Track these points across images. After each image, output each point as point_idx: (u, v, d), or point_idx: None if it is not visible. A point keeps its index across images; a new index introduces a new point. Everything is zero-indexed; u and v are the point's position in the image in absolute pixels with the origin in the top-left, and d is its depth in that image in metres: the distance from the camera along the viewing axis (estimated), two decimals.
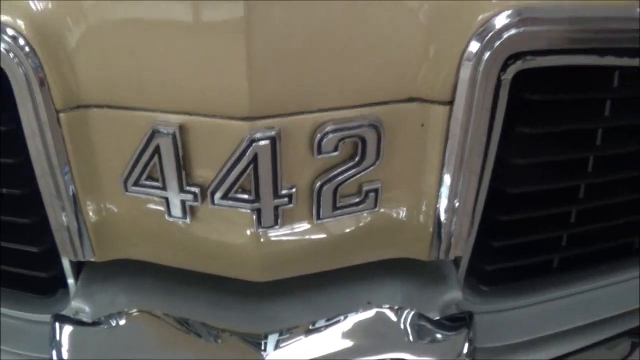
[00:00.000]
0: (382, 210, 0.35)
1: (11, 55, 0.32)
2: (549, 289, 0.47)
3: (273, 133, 0.31)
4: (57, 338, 0.36)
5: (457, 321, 0.36)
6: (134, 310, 0.37)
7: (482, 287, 0.44)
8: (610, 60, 0.36)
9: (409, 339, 0.37)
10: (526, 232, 0.43)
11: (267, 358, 0.34)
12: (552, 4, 0.32)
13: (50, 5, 0.31)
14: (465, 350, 0.35)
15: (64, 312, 0.41)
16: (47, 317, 0.44)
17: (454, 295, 0.39)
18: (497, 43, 0.32)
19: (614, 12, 0.34)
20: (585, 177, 0.42)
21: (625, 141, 0.42)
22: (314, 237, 0.35)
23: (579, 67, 0.36)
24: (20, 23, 0.32)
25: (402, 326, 0.37)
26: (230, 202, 0.33)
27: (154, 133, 0.32)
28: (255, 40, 0.29)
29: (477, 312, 0.45)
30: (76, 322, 0.37)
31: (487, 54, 0.32)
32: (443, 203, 0.35)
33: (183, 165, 0.32)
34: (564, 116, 0.39)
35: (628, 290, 0.51)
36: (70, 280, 0.41)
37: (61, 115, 0.33)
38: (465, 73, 0.32)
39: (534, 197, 0.42)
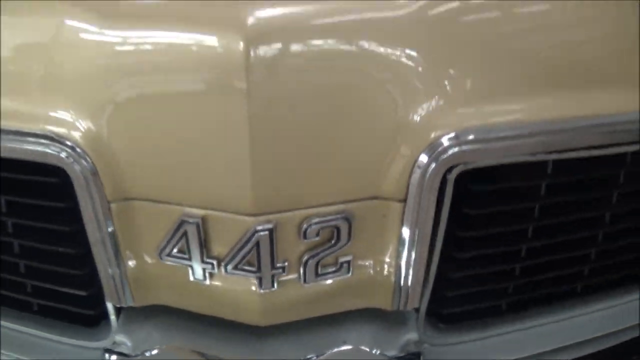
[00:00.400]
0: (354, 275, 0.47)
1: (70, 160, 0.44)
2: (499, 325, 0.59)
3: (271, 226, 0.43)
4: None
5: (409, 357, 0.49)
6: (165, 345, 0.50)
7: (441, 325, 0.56)
8: (541, 157, 0.47)
9: None
10: (475, 285, 0.54)
11: None
12: (486, 127, 0.43)
13: (91, 126, 0.43)
14: None
15: (108, 343, 0.53)
16: (91, 344, 0.57)
17: (411, 336, 0.50)
18: (442, 157, 0.43)
19: (540, 127, 0.45)
20: (525, 241, 0.53)
21: (561, 213, 0.53)
22: (302, 294, 0.47)
23: None
24: (75, 134, 0.44)
25: None
26: (238, 272, 0.45)
27: (182, 222, 0.44)
28: (258, 161, 0.41)
29: (437, 344, 0.57)
30: (121, 354, 0.49)
31: (433, 165, 0.43)
32: (401, 269, 0.47)
33: (204, 245, 0.44)
34: (506, 196, 0.50)
35: (571, 326, 0.63)
36: (113, 318, 0.54)
37: (112, 205, 0.45)
38: (415, 179, 0.43)
39: (481, 257, 0.53)
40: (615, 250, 0.58)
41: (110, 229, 0.45)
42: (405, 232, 0.44)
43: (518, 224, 0.51)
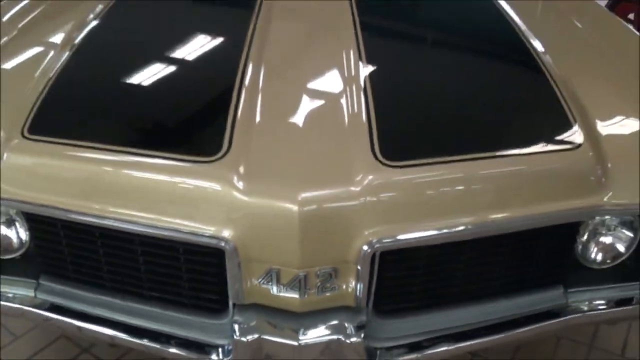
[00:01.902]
0: (337, 292, 1.23)
1: (225, 245, 1.25)
2: (415, 315, 1.40)
3: (305, 273, 1.19)
4: (235, 331, 1.29)
5: (362, 327, 1.27)
6: (256, 320, 1.31)
7: (382, 314, 1.38)
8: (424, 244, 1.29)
9: (347, 331, 1.29)
10: (397, 295, 1.36)
11: (301, 337, 1.28)
12: (394, 236, 1.22)
13: (231, 231, 1.23)
14: (362, 335, 1.26)
15: (229, 321, 1.34)
16: (219, 321, 1.37)
17: (363, 318, 1.27)
18: (373, 247, 1.22)
19: (424, 235, 1.26)
20: (417, 277, 1.34)
21: (439, 266, 1.34)
22: (316, 299, 1.23)
23: None
24: (225, 233, 1.24)
25: (345, 327, 1.29)
26: (291, 290, 1.21)
27: (270, 270, 1.21)
28: (303, 252, 1.20)
29: (379, 323, 1.38)
30: (240, 324, 1.30)
31: (369, 250, 1.22)
32: (357, 290, 1.25)
33: (278, 279, 1.22)
34: (408, 258, 1.31)
35: (456, 315, 1.43)
36: (231, 308, 1.35)
37: (241, 263, 1.26)
38: (361, 255, 1.19)
39: (399, 284, 1.34)
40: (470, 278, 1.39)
41: (238, 271, 1.27)
42: (358, 276, 1.23)
43: (410, 270, 1.32)
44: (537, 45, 1.72)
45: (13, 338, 2.17)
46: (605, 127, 1.43)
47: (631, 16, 4.03)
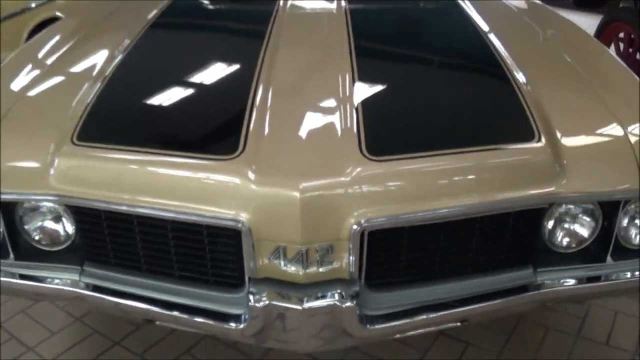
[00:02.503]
0: (333, 265, 1.54)
1: (242, 227, 1.57)
2: (399, 289, 1.71)
3: (307, 248, 1.49)
4: (250, 300, 1.59)
5: (355, 296, 1.56)
6: (267, 292, 1.61)
7: (372, 286, 1.69)
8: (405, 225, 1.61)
9: (343, 298, 1.60)
10: (385, 271, 1.68)
11: (305, 303, 1.57)
12: (384, 216, 1.54)
13: (248, 215, 1.55)
14: (355, 302, 1.55)
15: (245, 293, 1.65)
16: (237, 295, 1.68)
17: (356, 288, 1.56)
18: (363, 226, 1.51)
19: (400, 217, 1.59)
20: (401, 254, 1.66)
21: (419, 245, 1.66)
22: (317, 272, 1.52)
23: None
24: (242, 217, 1.57)
25: (341, 295, 1.60)
26: (296, 263, 1.51)
27: (278, 247, 1.50)
28: (303, 231, 1.50)
29: (370, 293, 1.69)
30: (254, 294, 1.61)
31: (358, 229, 1.53)
32: (350, 264, 1.54)
33: (285, 255, 1.52)
34: (390, 237, 1.63)
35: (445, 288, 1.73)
36: (247, 282, 1.64)
37: (255, 242, 1.58)
38: (352, 233, 1.49)
39: (386, 261, 1.66)
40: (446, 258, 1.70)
41: (252, 249, 1.60)
42: (350, 251, 1.54)
43: (396, 249, 1.64)
44: (516, 72, 2.06)
45: (49, 334, 2.49)
46: (562, 132, 1.74)
47: (621, 35, 4.37)
